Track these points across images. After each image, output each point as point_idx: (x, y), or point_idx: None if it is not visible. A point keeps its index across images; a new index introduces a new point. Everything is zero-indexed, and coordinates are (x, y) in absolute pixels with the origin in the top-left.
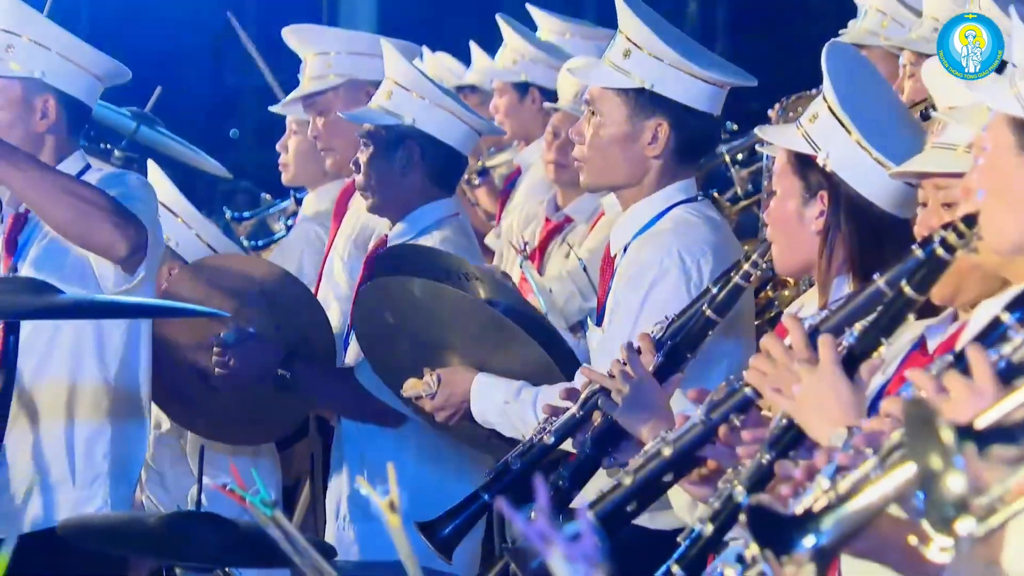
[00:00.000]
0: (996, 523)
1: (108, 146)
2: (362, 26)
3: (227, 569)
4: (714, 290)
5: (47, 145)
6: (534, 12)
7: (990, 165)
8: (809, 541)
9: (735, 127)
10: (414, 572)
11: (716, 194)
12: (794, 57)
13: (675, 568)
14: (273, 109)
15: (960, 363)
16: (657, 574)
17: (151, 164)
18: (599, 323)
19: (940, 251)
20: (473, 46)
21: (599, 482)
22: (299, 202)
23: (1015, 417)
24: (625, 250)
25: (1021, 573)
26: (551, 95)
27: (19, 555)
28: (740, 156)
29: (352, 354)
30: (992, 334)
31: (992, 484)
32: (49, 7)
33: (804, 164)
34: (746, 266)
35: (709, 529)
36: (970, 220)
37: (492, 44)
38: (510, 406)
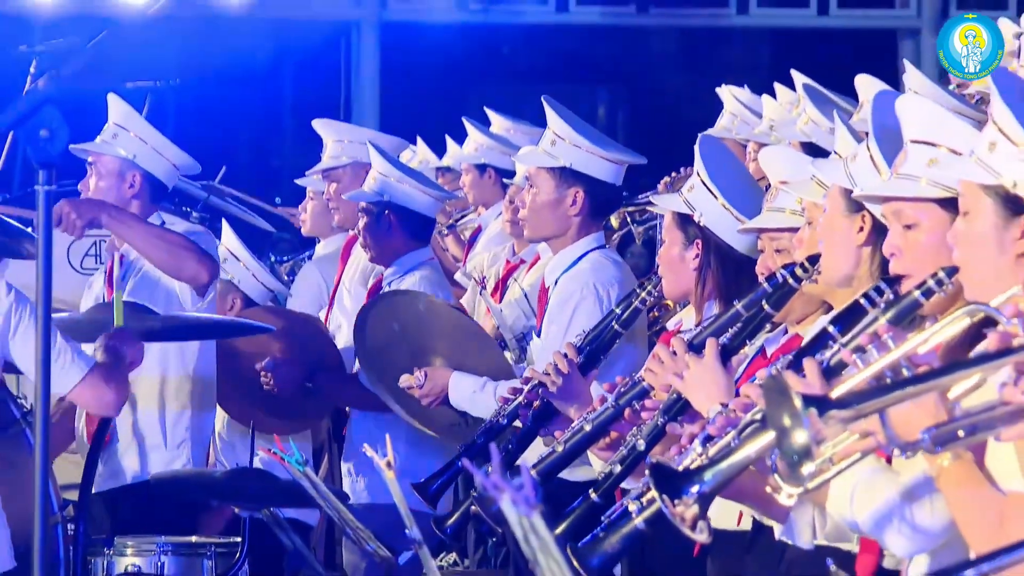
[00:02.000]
0: (825, 478)
1: (188, 209)
2: (367, 117)
3: (271, 509)
4: (619, 311)
5: (132, 208)
6: (490, 114)
7: (828, 222)
8: (694, 489)
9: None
10: (404, 511)
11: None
12: (674, 145)
13: (593, 495)
14: (299, 182)
15: (797, 362)
16: (579, 500)
17: (225, 224)
18: (538, 335)
19: (791, 280)
20: (448, 138)
21: (537, 448)
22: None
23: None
24: (556, 283)
25: (839, 513)
26: (503, 173)
27: (123, 499)
28: (637, 216)
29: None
30: (822, 339)
31: (828, 438)
32: (147, 109)
33: (685, 220)
34: (643, 294)
35: (618, 469)
36: (813, 259)
37: (460, 136)
38: (476, 395)
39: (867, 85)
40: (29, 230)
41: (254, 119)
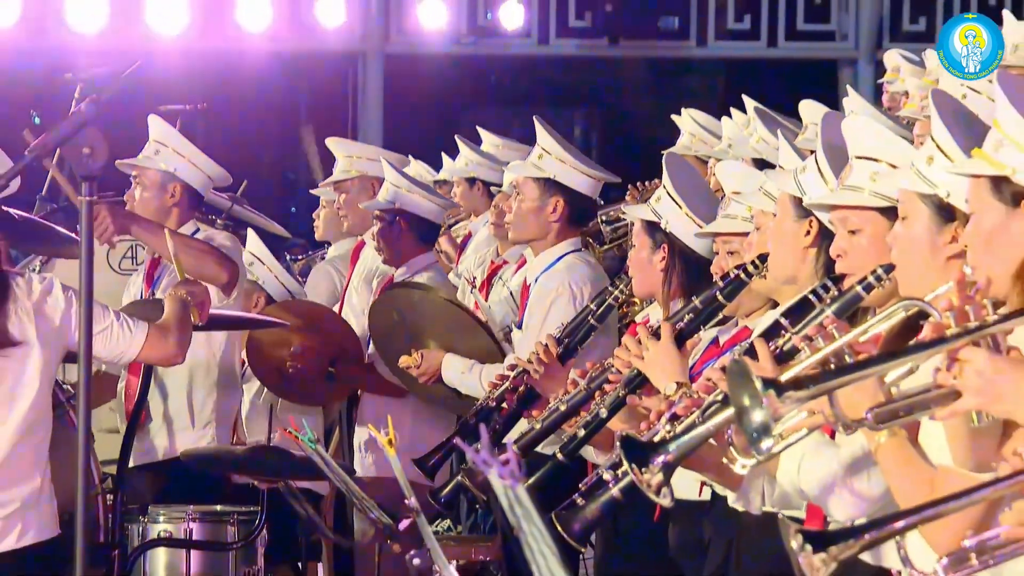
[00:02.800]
0: (776, 451)
1: (214, 218)
2: (372, 136)
3: (286, 481)
4: (593, 307)
5: (172, 215)
6: (482, 133)
7: (778, 226)
8: (659, 458)
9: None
10: (404, 483)
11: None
12: (641, 161)
13: (559, 455)
14: (313, 191)
15: (753, 351)
16: (548, 464)
17: (250, 232)
18: (520, 327)
19: (743, 276)
20: (443, 154)
21: (520, 427)
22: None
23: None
24: (536, 281)
25: (788, 482)
26: (492, 185)
27: (157, 473)
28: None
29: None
30: (775, 329)
31: (783, 417)
32: (180, 127)
33: (653, 227)
34: (615, 291)
35: (582, 433)
36: (763, 258)
37: (453, 152)
38: (466, 375)
39: (810, 109)
40: (73, 235)
41: (272, 138)
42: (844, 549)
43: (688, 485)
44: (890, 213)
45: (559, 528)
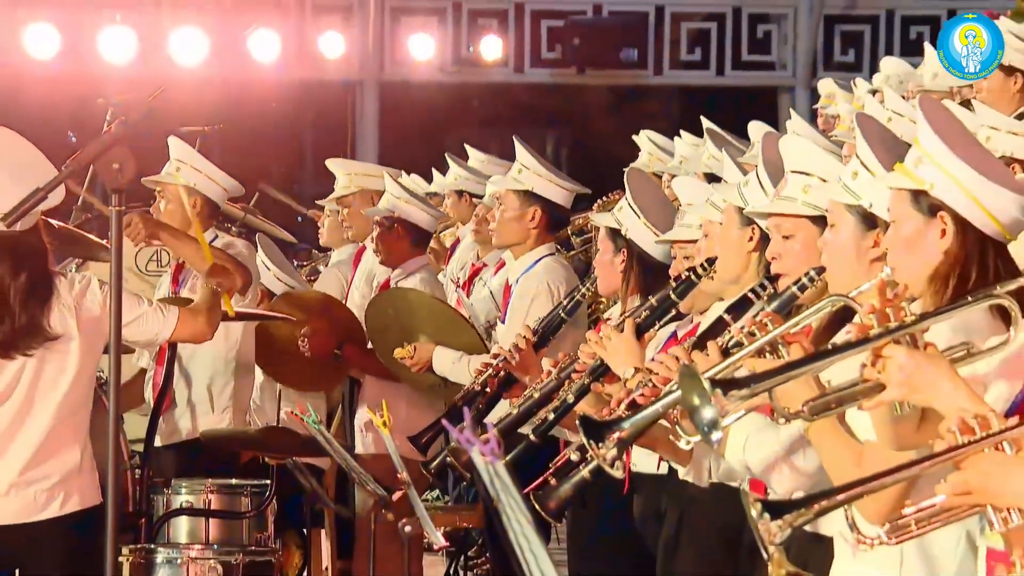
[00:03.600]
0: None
1: (229, 225)
2: (369, 155)
3: (294, 458)
4: (565, 303)
5: (194, 223)
6: (469, 150)
7: (724, 233)
8: (614, 436)
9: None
10: (397, 459)
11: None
12: (605, 176)
13: (532, 436)
14: (320, 202)
15: (700, 342)
16: (523, 444)
17: (262, 237)
18: (503, 322)
19: (693, 277)
20: (434, 170)
21: (500, 410)
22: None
23: (742, 374)
24: (517, 281)
25: (735, 458)
26: (477, 196)
27: (179, 451)
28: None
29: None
30: (719, 323)
31: (730, 413)
32: (198, 148)
33: (615, 233)
34: (584, 290)
35: (552, 416)
36: (712, 261)
37: (443, 168)
38: (454, 364)
39: (757, 129)
40: (104, 241)
41: (280, 156)
42: (797, 517)
43: (650, 460)
44: (819, 221)
45: (537, 507)
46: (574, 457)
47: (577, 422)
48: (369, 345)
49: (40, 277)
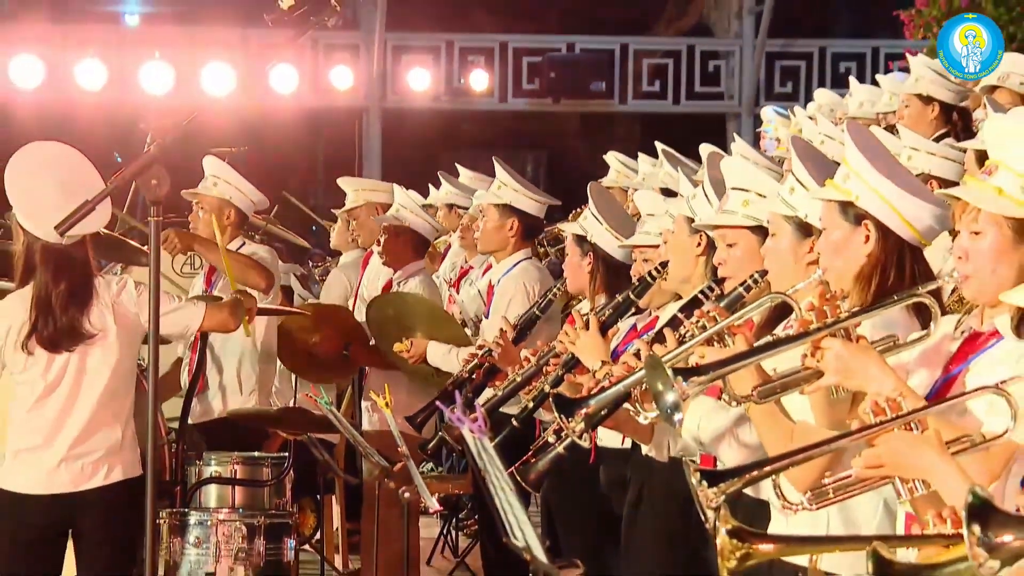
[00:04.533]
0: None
1: (253, 234)
2: (374, 172)
3: (309, 434)
4: (540, 301)
5: (227, 232)
6: (460, 168)
7: (675, 240)
8: (581, 410)
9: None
10: (397, 435)
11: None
12: (576, 191)
13: (515, 423)
14: (335, 211)
15: (658, 337)
16: (507, 430)
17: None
18: (487, 318)
19: (648, 278)
20: (430, 185)
21: (487, 394)
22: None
23: (695, 361)
24: (498, 282)
25: (690, 434)
26: (465, 209)
27: (210, 428)
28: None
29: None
30: (674, 320)
31: (690, 397)
32: (227, 161)
33: (582, 239)
34: (556, 289)
35: (531, 404)
36: (665, 264)
37: (437, 183)
38: (446, 356)
39: (708, 151)
40: (144, 248)
41: (297, 173)
42: (731, 485)
43: (614, 436)
44: (758, 231)
45: (519, 479)
46: (551, 439)
47: (551, 399)
48: (372, 342)
49: (80, 286)
